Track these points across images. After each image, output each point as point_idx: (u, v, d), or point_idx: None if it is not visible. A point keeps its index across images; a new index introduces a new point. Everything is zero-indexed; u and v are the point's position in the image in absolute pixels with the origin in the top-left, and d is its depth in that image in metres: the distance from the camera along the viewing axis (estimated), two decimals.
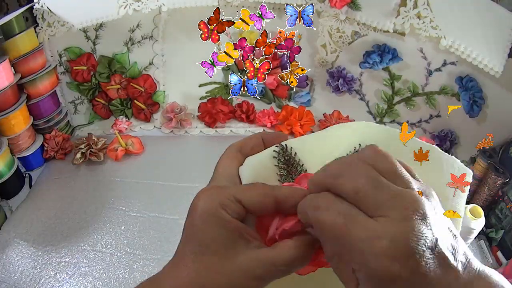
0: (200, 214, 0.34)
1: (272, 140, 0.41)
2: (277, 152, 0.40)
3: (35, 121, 1.07)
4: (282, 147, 0.40)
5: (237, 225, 0.33)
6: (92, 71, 1.18)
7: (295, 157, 0.40)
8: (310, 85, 1.32)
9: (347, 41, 1.15)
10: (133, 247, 0.88)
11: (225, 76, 1.30)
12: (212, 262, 0.33)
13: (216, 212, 0.33)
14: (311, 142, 0.41)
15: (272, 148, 0.40)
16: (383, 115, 1.21)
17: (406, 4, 0.97)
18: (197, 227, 0.34)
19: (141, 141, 1.16)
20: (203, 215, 0.33)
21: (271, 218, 0.36)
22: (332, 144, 0.41)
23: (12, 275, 0.81)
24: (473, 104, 1.00)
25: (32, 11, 1.00)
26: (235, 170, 0.39)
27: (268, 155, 0.40)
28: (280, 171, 0.40)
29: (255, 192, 0.34)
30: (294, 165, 0.40)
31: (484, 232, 0.93)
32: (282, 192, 0.35)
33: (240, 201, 0.34)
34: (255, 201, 0.34)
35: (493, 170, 0.94)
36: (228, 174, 0.39)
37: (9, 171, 0.98)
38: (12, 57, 0.96)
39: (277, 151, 0.40)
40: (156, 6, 1.07)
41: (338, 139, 0.41)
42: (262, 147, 0.41)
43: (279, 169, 0.40)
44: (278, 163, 0.40)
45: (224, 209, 0.33)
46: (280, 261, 0.33)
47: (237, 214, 0.34)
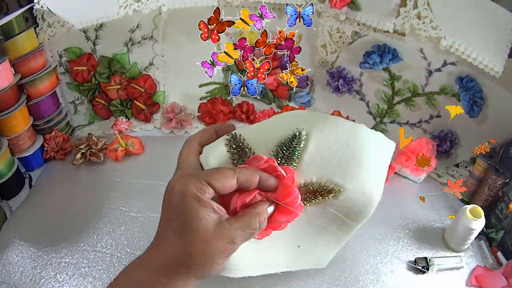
0: (179, 197, 0.41)
1: (224, 130, 0.50)
2: (229, 140, 0.48)
3: (35, 122, 1.07)
4: (233, 135, 0.48)
5: (210, 203, 0.41)
6: (92, 71, 1.18)
7: (244, 142, 0.48)
8: (310, 85, 1.32)
9: (347, 42, 1.15)
10: (133, 248, 0.88)
11: (225, 76, 1.30)
12: (192, 235, 0.40)
13: (193, 194, 0.41)
14: (257, 130, 0.49)
15: (224, 136, 0.48)
16: (383, 115, 1.21)
17: (406, 4, 0.97)
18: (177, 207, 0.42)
19: (141, 141, 1.16)
20: (182, 197, 0.41)
21: (230, 194, 0.44)
22: (273, 129, 0.48)
23: (12, 276, 0.81)
24: (473, 104, 1.00)
25: (32, 11, 1.00)
26: (197, 159, 0.48)
27: (221, 143, 0.48)
28: (233, 155, 0.48)
29: (222, 176, 0.42)
30: (243, 150, 0.48)
31: (484, 232, 0.93)
32: (242, 174, 0.43)
33: (210, 183, 0.41)
34: (222, 182, 0.42)
35: (493, 171, 0.94)
36: (191, 163, 0.48)
37: (9, 171, 0.98)
38: (12, 58, 0.96)
39: (228, 139, 0.48)
40: (156, 6, 1.07)
41: (278, 125, 0.48)
42: (215, 137, 0.50)
43: (231, 154, 0.48)
44: (230, 149, 0.48)
45: (199, 192, 0.41)
46: (247, 223, 0.42)
47: (209, 195, 0.41)
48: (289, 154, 0.46)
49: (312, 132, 0.46)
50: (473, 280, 0.85)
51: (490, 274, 0.84)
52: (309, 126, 0.46)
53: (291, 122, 0.47)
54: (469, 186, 1.02)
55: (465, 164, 1.12)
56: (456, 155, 1.13)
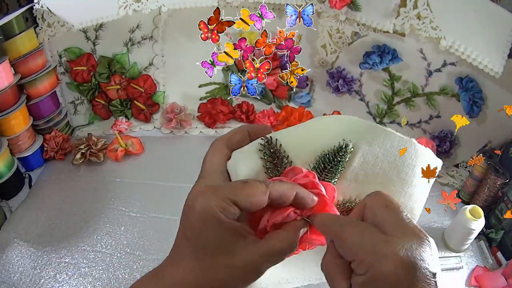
0: (198, 216, 0.35)
1: (258, 132, 0.42)
2: (263, 145, 0.41)
3: (35, 122, 1.07)
4: (268, 140, 0.41)
5: (233, 225, 0.35)
6: (92, 71, 1.18)
7: (280, 149, 0.41)
8: (310, 85, 1.32)
9: (347, 42, 1.15)
10: (133, 248, 0.88)
11: (225, 76, 1.30)
12: (213, 260, 0.35)
13: (215, 215, 0.35)
14: (296, 135, 0.42)
15: (257, 141, 0.41)
16: (383, 116, 1.21)
17: (406, 5, 0.97)
18: (196, 229, 0.36)
19: (141, 141, 1.16)
20: (202, 217, 0.35)
21: (261, 211, 0.38)
22: (315, 137, 0.42)
23: (12, 276, 0.81)
24: (473, 105, 1.00)
25: (32, 11, 1.00)
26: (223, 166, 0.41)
27: (254, 148, 0.41)
28: (266, 164, 0.41)
29: (250, 193, 0.36)
30: (280, 158, 0.41)
31: (484, 232, 0.93)
32: (276, 189, 0.37)
33: (236, 202, 0.35)
34: (250, 201, 0.36)
35: (493, 171, 0.94)
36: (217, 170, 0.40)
37: (9, 171, 0.98)
38: (12, 58, 0.96)
39: (262, 144, 0.41)
40: (156, 6, 1.07)
41: (321, 132, 0.42)
42: (248, 140, 0.42)
43: (265, 162, 0.41)
44: (264, 156, 0.41)
45: (222, 212, 0.35)
46: (275, 251, 0.36)
47: (233, 215, 0.35)
48: (331, 168, 0.41)
49: (360, 145, 0.41)
50: (473, 280, 0.85)
51: (490, 274, 0.84)
52: (357, 138, 0.41)
53: (337, 131, 0.41)
54: (469, 186, 1.02)
55: (465, 164, 1.12)
56: (456, 155, 1.13)
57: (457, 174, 1.12)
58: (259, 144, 0.41)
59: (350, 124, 0.42)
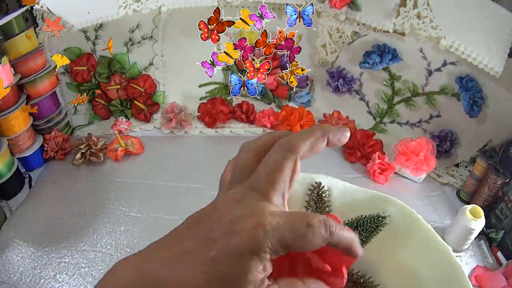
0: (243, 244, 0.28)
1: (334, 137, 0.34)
2: (313, 186, 0.41)
3: (35, 122, 1.07)
4: (319, 184, 0.41)
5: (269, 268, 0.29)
6: (92, 71, 1.18)
7: (328, 198, 0.41)
8: (310, 85, 1.32)
9: (347, 41, 1.15)
10: (133, 248, 0.88)
11: (225, 76, 1.30)
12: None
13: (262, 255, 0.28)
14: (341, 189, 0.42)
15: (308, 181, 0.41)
16: (383, 115, 1.21)
17: (406, 4, 0.97)
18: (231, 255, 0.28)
19: (141, 141, 1.16)
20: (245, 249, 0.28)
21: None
22: (360, 200, 0.41)
23: (12, 276, 0.81)
24: (473, 104, 1.00)
25: (32, 11, 1.00)
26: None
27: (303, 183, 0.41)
28: (309, 201, 0.40)
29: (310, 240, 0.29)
30: (323, 203, 0.41)
31: (484, 232, 0.93)
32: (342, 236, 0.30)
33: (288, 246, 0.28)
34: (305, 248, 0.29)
35: (493, 170, 0.94)
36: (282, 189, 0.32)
37: (9, 171, 0.98)
38: (12, 58, 0.96)
39: (314, 185, 0.41)
40: (156, 6, 1.07)
41: (366, 201, 0.41)
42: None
43: (309, 198, 0.41)
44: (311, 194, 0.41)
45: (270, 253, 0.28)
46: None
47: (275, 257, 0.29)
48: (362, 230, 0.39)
49: (394, 222, 0.40)
50: (473, 280, 0.85)
51: (490, 274, 0.84)
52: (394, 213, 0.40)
53: (381, 202, 0.40)
54: (469, 186, 1.02)
55: (465, 164, 1.12)
56: (456, 155, 1.13)
57: (457, 173, 1.12)
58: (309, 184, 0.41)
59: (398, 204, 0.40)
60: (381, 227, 0.39)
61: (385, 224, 0.39)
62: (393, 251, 0.39)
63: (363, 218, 0.40)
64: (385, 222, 0.40)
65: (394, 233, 0.40)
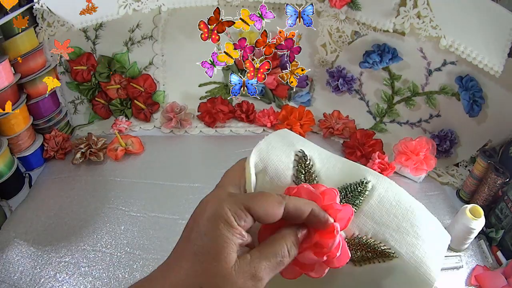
0: (209, 218, 0.34)
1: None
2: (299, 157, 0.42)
3: (35, 121, 1.07)
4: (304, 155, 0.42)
5: (241, 233, 0.34)
6: (92, 71, 1.18)
7: (312, 168, 0.42)
8: (310, 84, 1.32)
9: (347, 41, 1.15)
10: (133, 247, 0.88)
11: (225, 76, 1.30)
12: (211, 265, 0.33)
13: (225, 217, 0.34)
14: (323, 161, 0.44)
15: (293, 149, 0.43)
16: (383, 115, 1.21)
17: (406, 4, 0.96)
18: (202, 229, 0.34)
19: (141, 141, 1.16)
20: (212, 219, 0.34)
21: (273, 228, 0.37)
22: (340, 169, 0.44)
23: (12, 275, 0.81)
24: (473, 104, 1.00)
25: (32, 11, 1.00)
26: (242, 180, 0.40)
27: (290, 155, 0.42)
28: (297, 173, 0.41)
29: (267, 201, 0.35)
30: (310, 174, 0.42)
31: (484, 232, 0.93)
32: (293, 202, 0.36)
33: (250, 209, 0.34)
34: (265, 209, 0.35)
35: (493, 170, 0.94)
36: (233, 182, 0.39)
37: (9, 171, 0.98)
38: (12, 57, 0.96)
39: (299, 156, 0.42)
40: (156, 6, 1.07)
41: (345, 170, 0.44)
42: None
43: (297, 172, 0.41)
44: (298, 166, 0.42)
45: (233, 215, 0.34)
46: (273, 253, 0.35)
47: (245, 223, 0.34)
48: (352, 197, 0.42)
49: (377, 187, 0.43)
50: (473, 279, 0.85)
51: (490, 274, 0.84)
52: (376, 181, 0.43)
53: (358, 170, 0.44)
54: (469, 185, 1.02)
55: (465, 164, 1.12)
56: (456, 154, 1.13)
57: (457, 173, 1.12)
58: (295, 155, 0.42)
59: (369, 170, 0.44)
60: (365, 192, 0.42)
61: (368, 189, 0.42)
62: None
63: (350, 186, 0.42)
64: (368, 188, 0.42)
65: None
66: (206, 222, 0.34)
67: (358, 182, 0.42)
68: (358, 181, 0.43)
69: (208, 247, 0.34)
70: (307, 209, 0.36)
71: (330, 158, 0.45)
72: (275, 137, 0.44)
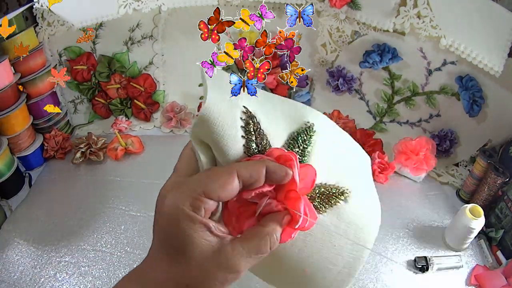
0: (169, 217, 0.33)
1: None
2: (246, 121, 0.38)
3: (35, 121, 1.07)
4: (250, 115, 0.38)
5: (207, 224, 0.33)
6: (92, 70, 1.18)
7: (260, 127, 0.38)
8: (310, 84, 1.32)
9: (347, 41, 1.15)
10: (133, 247, 0.88)
11: None
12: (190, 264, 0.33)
13: (186, 214, 0.33)
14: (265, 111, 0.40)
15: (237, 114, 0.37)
16: (383, 115, 1.21)
17: (406, 4, 0.96)
18: (167, 232, 0.34)
19: (141, 140, 1.16)
20: (173, 217, 0.33)
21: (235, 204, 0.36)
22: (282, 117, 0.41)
23: (12, 275, 0.81)
24: (473, 104, 1.00)
25: (32, 10, 1.00)
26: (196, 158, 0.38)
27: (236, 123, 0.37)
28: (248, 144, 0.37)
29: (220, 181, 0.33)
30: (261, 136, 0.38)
31: (484, 231, 0.93)
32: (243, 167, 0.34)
33: (206, 193, 0.33)
34: (221, 187, 0.33)
35: (493, 170, 0.94)
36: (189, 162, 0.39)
37: (9, 170, 0.98)
38: (12, 57, 0.96)
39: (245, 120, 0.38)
40: (156, 5, 1.07)
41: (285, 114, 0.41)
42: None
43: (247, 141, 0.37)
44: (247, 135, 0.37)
45: (194, 210, 0.33)
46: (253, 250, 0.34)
47: (206, 210, 0.33)
48: (302, 150, 0.40)
49: (318, 130, 0.41)
50: (473, 279, 0.85)
51: (490, 273, 0.84)
52: (314, 120, 0.41)
53: (297, 110, 0.41)
54: (469, 185, 1.02)
55: (465, 164, 1.12)
56: (456, 154, 1.13)
57: (457, 173, 1.12)
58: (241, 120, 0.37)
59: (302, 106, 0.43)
60: (311, 138, 0.40)
61: (312, 135, 0.40)
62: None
63: (297, 136, 0.40)
64: (313, 130, 0.41)
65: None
66: (167, 224, 0.33)
67: (304, 128, 0.40)
68: (303, 127, 0.41)
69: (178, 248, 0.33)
70: (261, 169, 0.34)
71: (268, 100, 0.41)
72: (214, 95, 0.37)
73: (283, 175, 0.35)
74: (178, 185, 0.35)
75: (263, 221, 0.36)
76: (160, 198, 0.35)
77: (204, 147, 0.37)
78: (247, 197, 0.35)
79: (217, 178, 0.34)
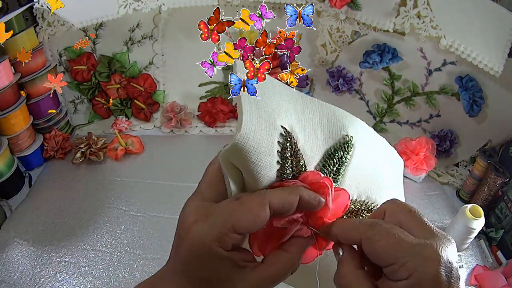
0: (193, 251, 0.32)
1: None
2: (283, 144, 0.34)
3: (35, 121, 1.07)
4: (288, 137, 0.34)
5: (232, 257, 0.33)
6: (92, 70, 1.18)
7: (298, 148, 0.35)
8: (310, 84, 1.32)
9: (347, 41, 1.15)
10: (133, 247, 0.88)
11: (225, 76, 1.30)
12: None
13: (211, 251, 0.32)
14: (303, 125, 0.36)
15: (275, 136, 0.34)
16: (383, 115, 1.21)
17: (406, 4, 0.96)
18: (191, 264, 0.33)
19: (141, 140, 1.16)
20: (197, 252, 0.32)
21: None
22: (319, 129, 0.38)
23: (12, 275, 0.81)
24: (473, 104, 1.00)
25: (32, 10, 1.00)
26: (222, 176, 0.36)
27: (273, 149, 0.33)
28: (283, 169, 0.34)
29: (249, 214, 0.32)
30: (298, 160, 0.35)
31: (484, 231, 0.93)
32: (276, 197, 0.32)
33: (234, 229, 0.32)
34: (250, 221, 0.32)
35: (493, 170, 0.94)
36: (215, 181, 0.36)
37: (9, 170, 0.98)
38: (12, 57, 0.96)
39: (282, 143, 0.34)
40: (156, 5, 1.07)
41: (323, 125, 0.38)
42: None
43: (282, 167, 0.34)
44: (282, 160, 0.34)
45: (219, 245, 0.32)
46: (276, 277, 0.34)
47: (232, 245, 0.33)
48: (338, 166, 0.38)
49: (357, 139, 0.38)
50: (473, 279, 0.85)
51: (490, 274, 0.84)
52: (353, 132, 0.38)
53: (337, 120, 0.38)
54: (469, 185, 1.02)
55: (465, 164, 1.12)
56: (456, 154, 1.13)
57: (457, 173, 1.12)
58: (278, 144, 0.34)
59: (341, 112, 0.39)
60: (349, 152, 0.38)
61: (352, 148, 0.38)
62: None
63: (331, 154, 0.38)
64: (351, 149, 0.38)
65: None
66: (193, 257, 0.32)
67: (342, 143, 0.38)
68: (341, 141, 0.38)
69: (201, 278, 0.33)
70: (294, 198, 0.33)
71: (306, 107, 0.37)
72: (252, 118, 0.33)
73: (315, 205, 0.34)
74: (206, 216, 0.33)
75: (287, 246, 0.35)
76: (186, 226, 0.34)
77: (235, 171, 0.35)
78: (277, 224, 0.34)
79: (248, 210, 0.32)
